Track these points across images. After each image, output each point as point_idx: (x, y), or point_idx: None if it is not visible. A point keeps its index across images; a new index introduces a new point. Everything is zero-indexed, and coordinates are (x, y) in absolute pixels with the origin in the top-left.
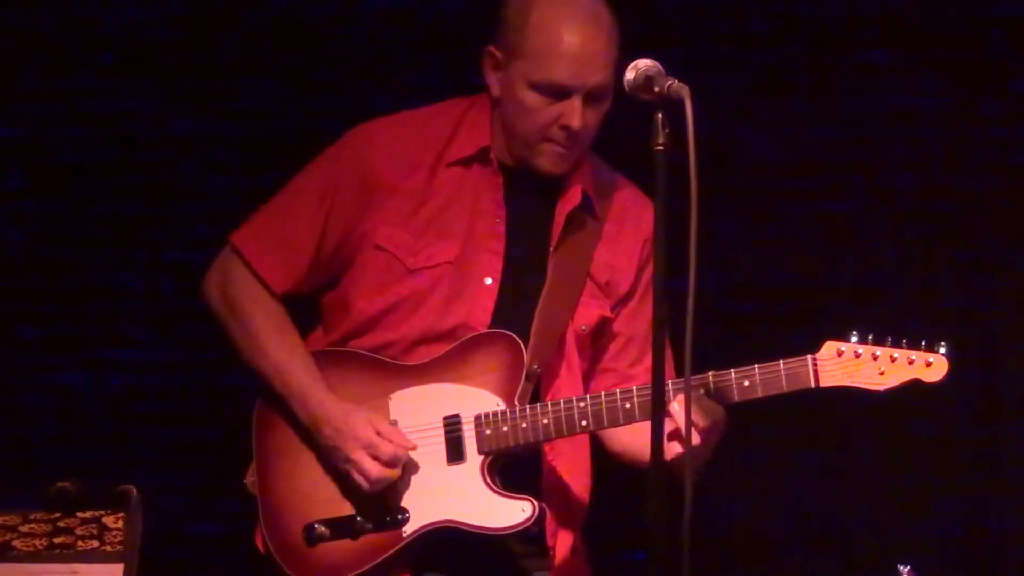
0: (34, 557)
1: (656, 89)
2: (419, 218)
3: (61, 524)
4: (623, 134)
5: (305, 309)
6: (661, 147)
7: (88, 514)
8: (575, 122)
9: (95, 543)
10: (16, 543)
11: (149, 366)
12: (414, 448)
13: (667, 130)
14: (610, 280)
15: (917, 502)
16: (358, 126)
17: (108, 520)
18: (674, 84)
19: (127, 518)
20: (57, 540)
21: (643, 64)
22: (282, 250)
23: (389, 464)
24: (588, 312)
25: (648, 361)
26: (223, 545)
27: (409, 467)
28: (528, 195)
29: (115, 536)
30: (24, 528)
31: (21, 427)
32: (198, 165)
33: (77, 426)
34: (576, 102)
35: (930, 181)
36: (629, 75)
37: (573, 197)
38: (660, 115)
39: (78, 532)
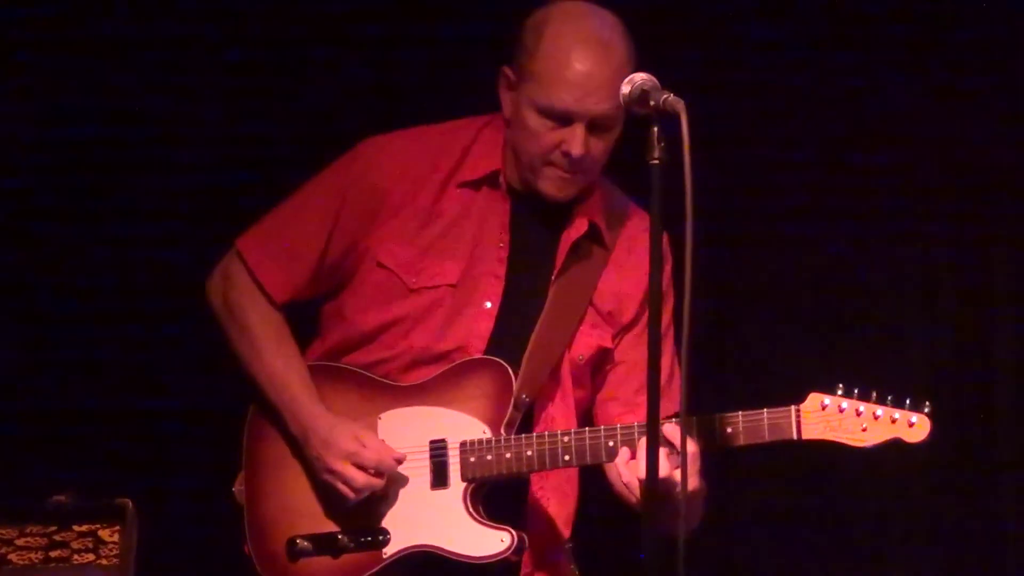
0: (30, 571)
1: (652, 103)
2: (424, 237)
3: (57, 537)
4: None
5: (305, 318)
6: (657, 161)
7: (84, 527)
8: (576, 149)
9: (91, 556)
10: (12, 556)
11: (146, 379)
12: (401, 458)
13: (663, 144)
14: (614, 309)
15: (914, 502)
16: (370, 138)
17: (104, 533)
18: (670, 98)
19: (123, 531)
20: (53, 554)
21: (639, 78)
22: (285, 259)
23: (374, 473)
24: (586, 342)
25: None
26: (219, 558)
27: (393, 489)
28: (534, 221)
29: (111, 549)
30: (20, 542)
31: (17, 440)
32: (199, 167)
33: (73, 440)
34: (578, 129)
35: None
36: (624, 89)
37: (579, 227)
38: (656, 129)
39: (74, 545)
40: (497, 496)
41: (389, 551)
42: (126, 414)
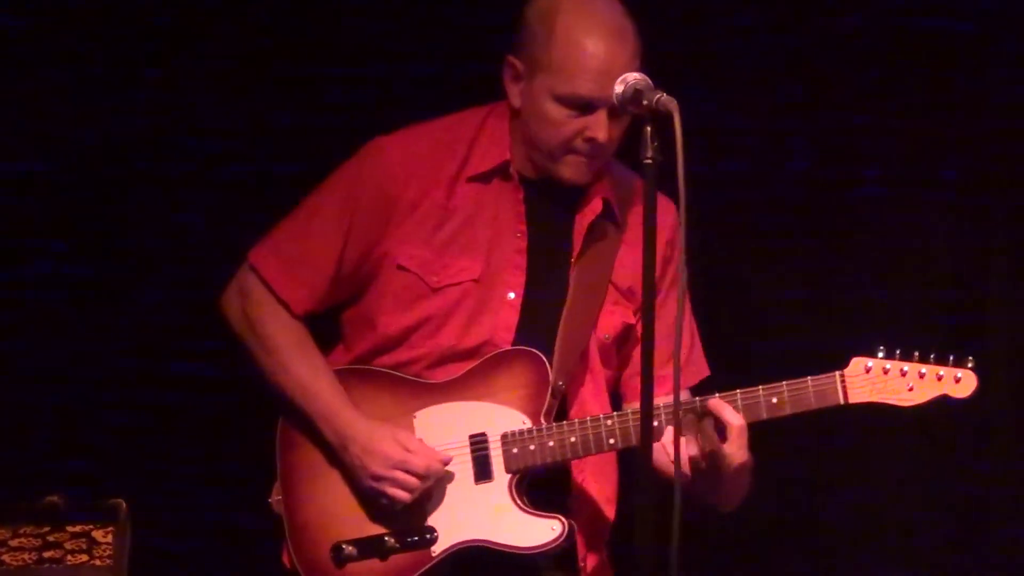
0: (23, 572)
1: (645, 103)
2: (441, 235)
3: (51, 538)
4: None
5: (323, 325)
6: (650, 160)
7: (78, 528)
8: (601, 135)
9: (84, 557)
10: (5, 557)
11: (139, 380)
12: (448, 460)
13: (656, 143)
14: (633, 284)
15: (911, 503)
16: (374, 140)
17: (98, 534)
18: (663, 97)
19: (116, 532)
20: (46, 554)
21: (632, 78)
22: (301, 270)
23: (424, 477)
24: (611, 320)
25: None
26: (212, 560)
27: (436, 486)
28: (549, 208)
29: (104, 550)
30: (13, 542)
31: (10, 441)
32: (204, 173)
33: (67, 440)
34: (601, 115)
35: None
36: (618, 88)
37: (594, 207)
38: (649, 128)
39: (67, 546)
40: (539, 486)
41: (438, 549)
42: (120, 414)
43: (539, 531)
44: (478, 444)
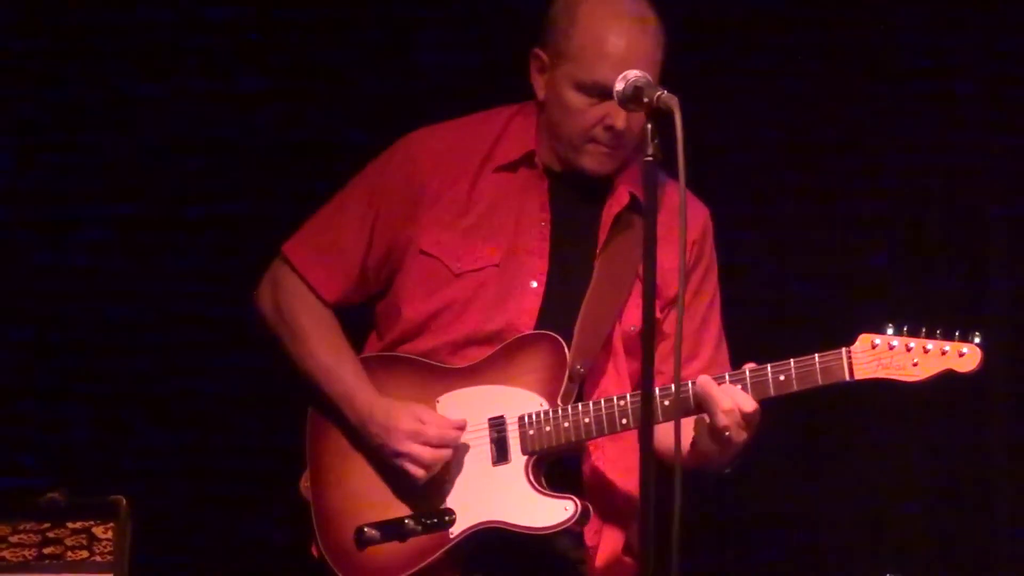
0: (23, 567)
1: (646, 100)
2: (465, 222)
3: (51, 534)
4: None
5: (359, 320)
6: (651, 157)
7: (78, 524)
8: (619, 123)
9: (85, 553)
10: (5, 553)
11: (139, 376)
12: (462, 424)
13: (656, 140)
14: (660, 282)
15: (911, 502)
16: (404, 136)
17: (98, 530)
18: (664, 94)
19: (117, 528)
20: (47, 550)
21: (632, 75)
22: (331, 258)
23: (439, 445)
24: (638, 313)
25: (697, 362)
26: (213, 554)
27: (456, 468)
28: (574, 198)
29: (105, 546)
30: (13, 539)
31: (10, 437)
32: (237, 176)
33: (67, 436)
34: None
35: (961, 168)
36: (619, 86)
37: (620, 198)
38: (650, 125)
39: (68, 542)
40: (556, 468)
41: (455, 531)
42: (121, 411)
43: (553, 511)
44: (497, 427)
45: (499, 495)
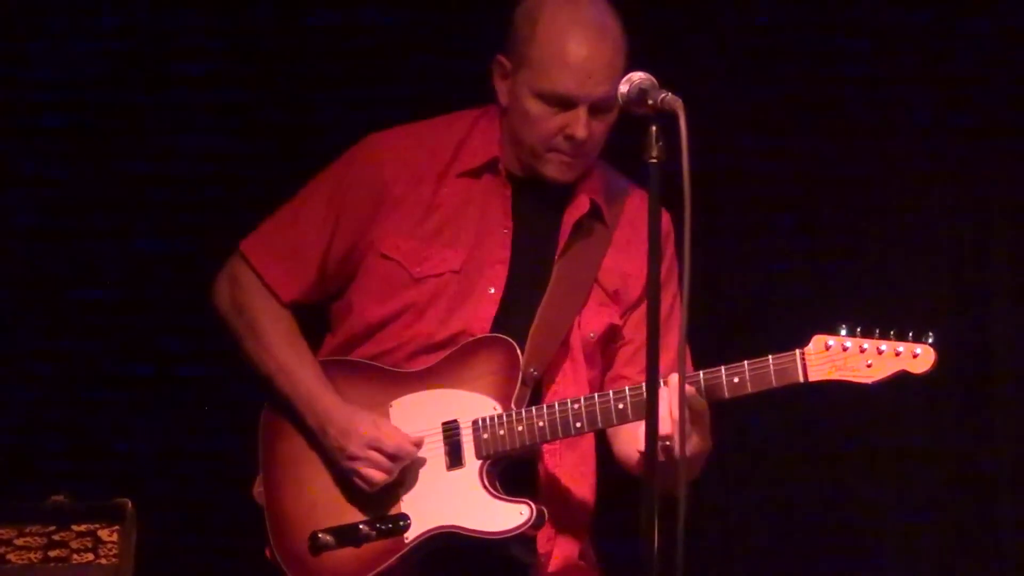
0: (29, 570)
1: (650, 102)
2: (427, 227)
3: (56, 537)
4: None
5: (314, 320)
6: (655, 160)
7: (83, 527)
8: (580, 132)
9: (90, 556)
10: (11, 556)
11: (144, 379)
12: (419, 442)
13: (660, 143)
14: (620, 288)
15: (910, 499)
16: (368, 136)
17: (103, 533)
18: (668, 97)
19: (122, 531)
20: (52, 553)
21: (637, 77)
22: (289, 258)
23: (394, 457)
24: (596, 320)
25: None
26: (218, 558)
27: (411, 473)
28: (536, 205)
29: (110, 549)
30: (19, 541)
31: (16, 440)
32: (204, 174)
33: (72, 439)
34: (581, 112)
35: (916, 173)
36: (623, 88)
37: (580, 205)
38: (654, 128)
39: (73, 545)
40: (511, 473)
41: (410, 535)
42: (126, 413)
43: (507, 516)
44: (450, 431)
45: (454, 500)
